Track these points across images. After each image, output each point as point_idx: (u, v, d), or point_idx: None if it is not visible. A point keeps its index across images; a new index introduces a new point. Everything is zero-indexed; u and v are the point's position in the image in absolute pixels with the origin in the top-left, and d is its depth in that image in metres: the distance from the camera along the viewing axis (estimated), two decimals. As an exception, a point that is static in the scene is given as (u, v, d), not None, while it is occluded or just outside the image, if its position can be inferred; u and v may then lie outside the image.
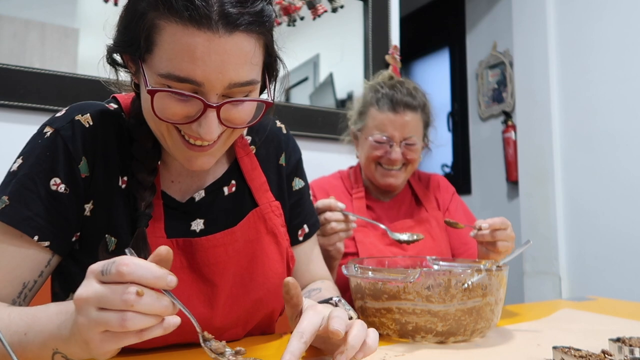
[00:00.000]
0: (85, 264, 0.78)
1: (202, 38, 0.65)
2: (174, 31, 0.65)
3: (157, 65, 0.67)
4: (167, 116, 0.69)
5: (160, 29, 0.66)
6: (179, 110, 0.69)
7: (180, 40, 0.65)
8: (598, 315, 1.07)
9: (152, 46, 0.67)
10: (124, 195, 0.79)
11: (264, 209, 0.90)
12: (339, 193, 1.45)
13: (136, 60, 0.72)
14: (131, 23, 0.70)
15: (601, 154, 2.47)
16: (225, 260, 0.83)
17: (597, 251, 2.46)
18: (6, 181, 0.75)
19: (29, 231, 0.72)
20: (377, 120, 1.37)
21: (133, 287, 0.52)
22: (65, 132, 0.76)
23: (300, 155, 1.02)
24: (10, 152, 0.89)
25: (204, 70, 0.66)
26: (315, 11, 2.04)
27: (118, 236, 0.78)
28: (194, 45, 0.65)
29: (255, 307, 0.87)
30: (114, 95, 0.87)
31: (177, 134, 0.73)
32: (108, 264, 0.53)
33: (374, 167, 1.40)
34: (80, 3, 1.68)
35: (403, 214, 1.45)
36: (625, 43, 2.39)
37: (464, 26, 3.65)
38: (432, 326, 0.82)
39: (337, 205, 1.16)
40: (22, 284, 0.73)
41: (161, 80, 0.67)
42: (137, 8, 0.69)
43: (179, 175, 0.86)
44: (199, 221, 0.85)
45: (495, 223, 1.13)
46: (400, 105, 1.35)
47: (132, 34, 0.70)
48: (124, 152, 0.80)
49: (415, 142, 1.37)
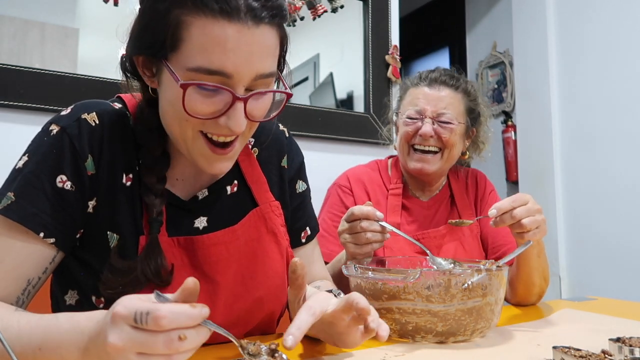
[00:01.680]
0: (84, 260, 0.79)
1: (233, 30, 0.66)
2: (204, 24, 0.66)
3: (185, 60, 0.68)
4: (196, 111, 0.70)
5: (188, 24, 0.67)
6: (207, 106, 0.70)
7: (211, 33, 0.66)
8: (598, 315, 1.07)
9: (178, 43, 0.68)
10: (128, 192, 0.80)
11: (264, 209, 0.90)
12: (376, 187, 1.38)
13: (156, 62, 0.72)
14: (151, 24, 0.70)
15: (601, 154, 2.47)
16: (227, 258, 0.84)
17: (597, 251, 2.46)
18: (11, 178, 0.76)
19: (35, 227, 0.72)
20: (412, 96, 1.33)
21: (175, 333, 0.51)
22: (71, 130, 0.76)
23: (302, 158, 1.03)
24: (10, 152, 0.89)
25: (234, 61, 0.67)
26: (315, 11, 2.04)
27: (120, 233, 0.78)
28: (225, 37, 0.66)
29: (255, 306, 0.87)
30: (119, 95, 0.87)
31: (202, 139, 0.74)
32: (141, 314, 0.51)
33: (407, 149, 1.33)
34: (80, 3, 1.68)
35: (440, 218, 1.37)
36: (625, 43, 2.39)
37: (464, 26, 3.66)
38: (432, 326, 0.82)
39: (375, 215, 1.04)
40: (26, 281, 0.73)
41: (190, 75, 0.68)
42: (158, 9, 0.69)
43: (184, 174, 0.86)
44: (203, 219, 0.86)
45: (503, 205, 0.99)
46: (437, 82, 1.31)
47: (153, 35, 0.70)
48: (128, 151, 0.81)
49: (450, 121, 1.28)
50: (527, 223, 0.97)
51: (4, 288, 0.71)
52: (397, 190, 1.37)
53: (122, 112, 0.83)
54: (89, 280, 0.79)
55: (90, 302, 0.79)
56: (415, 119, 1.31)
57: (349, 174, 1.42)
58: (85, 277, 0.79)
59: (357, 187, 1.37)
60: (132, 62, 0.77)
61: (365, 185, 1.38)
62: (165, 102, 0.74)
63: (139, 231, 0.79)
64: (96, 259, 0.78)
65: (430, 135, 1.28)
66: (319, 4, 2.06)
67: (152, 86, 0.76)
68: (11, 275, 0.72)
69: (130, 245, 0.78)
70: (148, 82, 0.76)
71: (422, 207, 1.38)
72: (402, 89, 1.42)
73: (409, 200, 1.38)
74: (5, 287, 0.71)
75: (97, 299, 0.78)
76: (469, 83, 1.37)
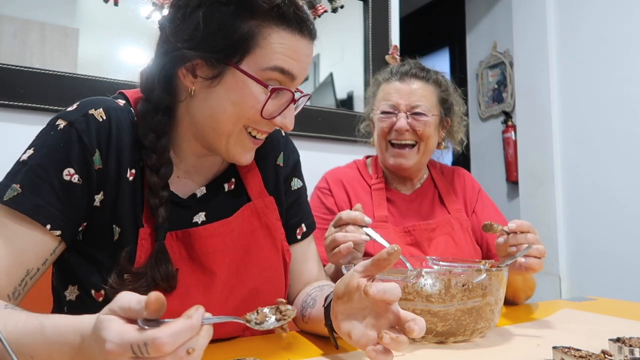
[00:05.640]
0: (86, 253, 0.80)
1: (303, 43, 0.81)
2: (283, 35, 0.79)
3: (260, 62, 0.78)
4: (269, 112, 0.81)
5: (266, 34, 0.78)
6: (273, 106, 0.82)
7: (288, 43, 0.79)
8: (598, 315, 1.07)
9: (253, 49, 0.78)
10: (130, 186, 0.82)
11: (257, 204, 0.93)
12: (356, 184, 1.39)
13: (219, 65, 0.78)
14: (223, 31, 0.77)
15: (601, 154, 2.47)
16: (223, 250, 0.86)
17: (597, 251, 2.46)
18: (15, 170, 0.76)
19: (41, 219, 0.73)
20: (384, 91, 1.33)
21: (182, 350, 0.49)
22: (79, 124, 0.78)
23: (298, 157, 1.06)
24: (10, 151, 0.89)
25: (300, 67, 0.81)
26: (315, 11, 2.04)
27: (122, 227, 0.80)
28: (299, 47, 0.80)
29: (251, 297, 0.89)
30: (121, 91, 0.89)
31: (245, 132, 0.83)
32: (139, 347, 0.47)
33: (384, 145, 1.34)
34: (80, 3, 1.68)
35: (425, 210, 1.37)
36: (625, 43, 2.39)
37: (464, 26, 3.65)
38: (432, 326, 0.82)
39: (363, 220, 1.03)
40: (25, 271, 0.73)
41: (265, 73, 0.79)
42: (233, 16, 0.77)
43: (186, 172, 0.89)
44: (201, 214, 0.88)
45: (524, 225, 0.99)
46: (408, 75, 1.31)
47: (224, 40, 0.77)
48: (133, 147, 0.83)
49: (424, 112, 1.29)
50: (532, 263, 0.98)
51: (4, 276, 0.71)
52: (380, 184, 1.38)
53: (126, 108, 0.85)
54: (87, 271, 0.80)
55: (90, 297, 0.80)
56: (390, 113, 1.31)
57: (327, 176, 1.43)
58: (84, 269, 0.80)
59: (336, 186, 1.38)
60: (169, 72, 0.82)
61: (344, 184, 1.38)
62: (226, 102, 0.80)
63: (139, 224, 0.81)
64: (100, 253, 0.79)
65: (406, 129, 1.29)
66: (319, 4, 2.06)
67: (194, 88, 0.81)
68: (12, 263, 0.72)
69: (130, 237, 0.80)
70: (189, 85, 0.81)
71: (406, 200, 1.39)
72: (374, 85, 1.42)
73: (392, 193, 1.39)
74: (5, 275, 0.71)
75: (97, 292, 0.79)
76: (439, 74, 1.38)
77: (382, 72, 1.41)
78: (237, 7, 0.77)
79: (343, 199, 1.37)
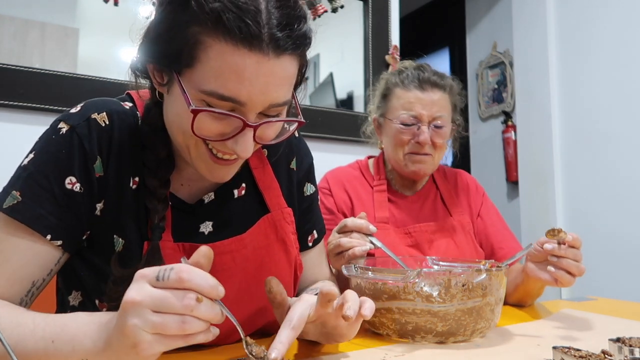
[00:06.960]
0: (91, 262, 0.78)
1: (252, 60, 0.64)
2: (223, 50, 0.63)
3: (198, 81, 0.65)
4: (203, 133, 0.68)
5: (207, 46, 0.64)
6: (215, 128, 0.68)
7: (229, 60, 0.63)
8: (598, 315, 1.07)
9: (193, 61, 0.65)
10: (134, 196, 0.78)
11: (276, 216, 0.88)
12: (357, 184, 1.38)
13: (168, 72, 0.70)
14: (168, 35, 0.67)
15: (601, 154, 2.47)
16: (232, 267, 0.82)
17: (597, 251, 2.46)
18: (16, 175, 0.74)
19: (41, 230, 0.71)
20: (404, 99, 1.29)
21: (192, 294, 0.53)
22: (81, 130, 0.74)
23: (311, 160, 1.00)
24: (10, 151, 0.89)
25: (250, 91, 0.65)
26: (315, 11, 2.04)
27: (125, 237, 0.77)
28: (244, 66, 0.64)
29: (258, 315, 0.86)
30: (128, 92, 0.85)
31: (204, 148, 0.72)
32: (165, 270, 0.54)
33: (401, 154, 1.32)
34: (80, 3, 1.68)
35: (427, 212, 1.37)
36: (625, 43, 2.39)
37: (464, 26, 3.65)
38: (432, 326, 0.82)
39: (368, 228, 1.03)
40: (31, 282, 0.72)
41: (202, 96, 0.66)
42: (177, 20, 0.66)
43: (190, 180, 0.84)
44: (208, 223, 0.84)
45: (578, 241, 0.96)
46: (428, 83, 1.28)
47: (169, 47, 0.67)
48: (137, 153, 0.78)
49: (444, 125, 1.29)
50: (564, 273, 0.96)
51: (8, 288, 0.70)
52: (382, 186, 1.37)
53: (131, 112, 0.81)
54: (91, 280, 0.78)
55: (93, 305, 0.78)
56: (411, 125, 1.29)
57: (327, 176, 1.42)
58: (88, 277, 0.78)
59: (336, 187, 1.37)
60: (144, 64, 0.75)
61: (344, 185, 1.37)
62: (172, 113, 0.72)
63: (144, 236, 0.77)
64: (103, 262, 0.76)
65: (428, 143, 1.28)
66: (319, 4, 2.06)
67: (161, 91, 0.75)
68: (16, 276, 0.70)
69: (135, 251, 0.76)
70: (157, 87, 0.75)
71: (408, 201, 1.38)
72: (383, 86, 1.37)
73: (394, 195, 1.39)
74: (10, 287, 0.70)
75: (100, 303, 0.77)
76: (451, 78, 1.36)
77: (394, 75, 1.36)
78: (177, 9, 0.66)
79: (343, 200, 1.36)
